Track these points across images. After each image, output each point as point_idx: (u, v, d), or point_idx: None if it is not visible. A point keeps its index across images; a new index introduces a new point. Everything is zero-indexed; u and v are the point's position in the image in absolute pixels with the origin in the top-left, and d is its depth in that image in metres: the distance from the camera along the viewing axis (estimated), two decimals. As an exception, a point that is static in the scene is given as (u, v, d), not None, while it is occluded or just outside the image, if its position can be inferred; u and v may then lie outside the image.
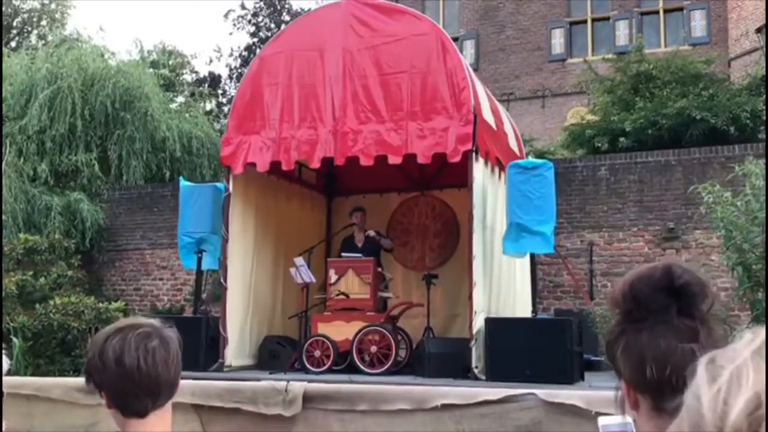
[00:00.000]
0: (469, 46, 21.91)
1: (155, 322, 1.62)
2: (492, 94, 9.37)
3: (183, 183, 8.81)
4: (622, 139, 12.26)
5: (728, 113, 11.90)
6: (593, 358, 8.86)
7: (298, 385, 4.28)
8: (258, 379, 6.81)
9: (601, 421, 1.22)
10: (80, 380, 4.66)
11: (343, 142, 7.76)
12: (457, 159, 7.44)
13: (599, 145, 12.54)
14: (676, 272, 1.14)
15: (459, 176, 7.75)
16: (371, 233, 8.67)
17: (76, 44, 15.29)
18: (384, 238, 8.89)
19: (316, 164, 8.02)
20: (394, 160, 7.63)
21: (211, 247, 8.45)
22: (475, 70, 21.14)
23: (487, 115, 8.09)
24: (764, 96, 12.11)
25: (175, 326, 1.68)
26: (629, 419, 1.18)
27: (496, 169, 8.24)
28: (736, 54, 17.72)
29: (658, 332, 1.11)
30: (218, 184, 8.61)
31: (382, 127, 7.68)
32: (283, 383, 4.28)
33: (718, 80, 13.50)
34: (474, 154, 7.41)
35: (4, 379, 4.72)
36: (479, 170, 7.56)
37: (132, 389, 1.54)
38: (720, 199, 6.53)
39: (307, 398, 4.22)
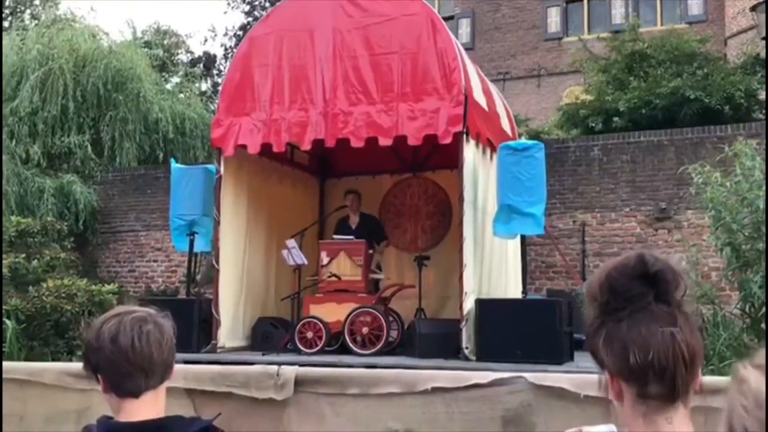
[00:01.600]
0: (465, 24, 21.76)
1: (150, 309, 1.68)
2: (488, 74, 9.31)
3: (174, 165, 8.80)
4: (616, 119, 12.23)
5: (722, 92, 11.86)
6: (584, 337, 8.92)
7: (290, 370, 4.31)
8: (251, 363, 6.86)
9: (586, 429, 1.26)
10: (73, 365, 4.70)
11: (334, 124, 7.73)
12: (447, 140, 7.43)
13: (593, 125, 12.51)
14: (649, 260, 1.16)
15: (451, 157, 7.73)
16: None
17: (69, 24, 15.16)
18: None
19: (306, 146, 8.00)
20: (385, 141, 7.61)
21: (204, 230, 8.46)
22: (471, 49, 21.03)
23: (479, 96, 8.06)
24: (758, 75, 12.08)
25: (168, 310, 1.74)
26: (614, 428, 1.22)
27: (488, 151, 8.22)
28: (732, 32, 17.62)
29: (638, 319, 1.13)
30: (209, 166, 8.58)
31: (373, 108, 7.65)
32: (275, 368, 4.31)
33: (713, 59, 13.43)
34: (465, 136, 7.39)
35: None
36: (470, 152, 7.54)
37: (126, 368, 1.60)
38: (710, 180, 6.55)
39: (299, 382, 4.26)
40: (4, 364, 5.08)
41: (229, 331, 8.11)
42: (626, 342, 1.13)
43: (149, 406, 1.64)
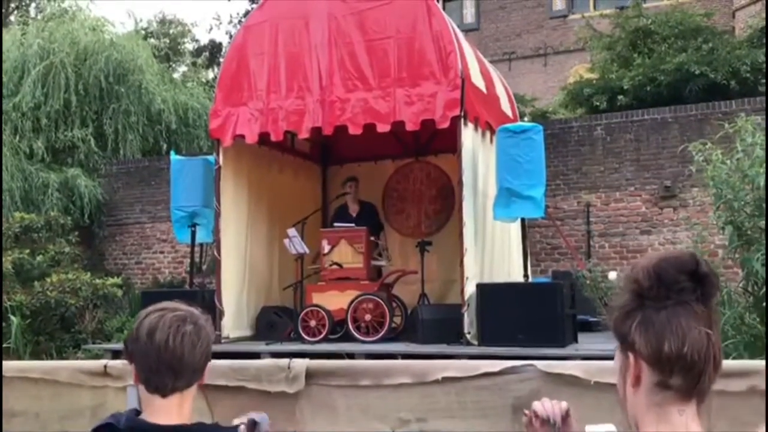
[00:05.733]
0: (469, 5, 21.56)
1: (195, 310, 1.70)
2: (494, 54, 9.19)
3: (174, 157, 8.79)
4: (620, 97, 12.08)
5: (728, 67, 11.67)
6: (591, 318, 8.87)
7: (301, 362, 4.35)
8: (256, 353, 6.88)
9: (588, 429, 1.26)
10: (86, 363, 4.72)
11: (331, 112, 7.69)
12: (445, 125, 7.37)
13: (598, 103, 12.36)
14: (701, 261, 1.20)
15: (453, 141, 7.66)
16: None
17: (70, 17, 15.11)
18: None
19: (304, 134, 7.97)
20: (383, 128, 7.56)
21: (205, 221, 8.46)
22: (476, 29, 20.83)
23: (476, 79, 7.98)
24: (765, 48, 11.87)
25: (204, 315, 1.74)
26: (613, 427, 1.24)
27: (487, 134, 8.15)
28: (741, 4, 17.32)
29: (678, 312, 1.16)
30: (209, 158, 8.57)
31: (370, 94, 7.60)
32: (286, 361, 4.35)
33: (718, 33, 13.22)
34: (462, 120, 7.33)
35: (12, 364, 4.83)
36: (468, 136, 7.48)
37: (155, 364, 1.63)
38: (711, 158, 6.45)
39: (310, 375, 4.29)
40: (20, 363, 5.15)
41: (233, 321, 8.13)
42: (664, 330, 1.15)
43: (175, 408, 1.67)
